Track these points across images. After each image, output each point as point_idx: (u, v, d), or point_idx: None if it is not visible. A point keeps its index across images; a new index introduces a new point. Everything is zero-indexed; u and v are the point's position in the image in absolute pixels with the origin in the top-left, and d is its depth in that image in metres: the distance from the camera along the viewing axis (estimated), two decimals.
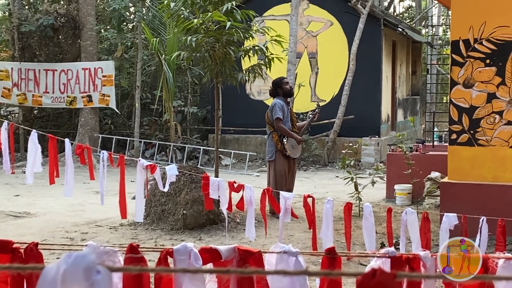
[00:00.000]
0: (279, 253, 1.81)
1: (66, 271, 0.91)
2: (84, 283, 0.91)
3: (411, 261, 1.86)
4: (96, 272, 0.93)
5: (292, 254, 1.81)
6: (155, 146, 18.97)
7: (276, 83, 10.07)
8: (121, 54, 19.83)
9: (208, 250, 1.77)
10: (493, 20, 8.30)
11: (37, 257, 1.74)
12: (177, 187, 9.20)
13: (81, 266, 0.92)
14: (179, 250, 1.72)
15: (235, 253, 1.80)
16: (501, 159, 8.33)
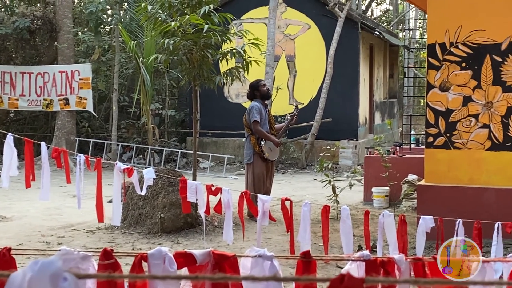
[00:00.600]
0: (254, 257, 1.81)
1: (32, 278, 0.91)
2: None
3: (385, 264, 1.86)
4: (63, 279, 0.92)
5: (267, 258, 1.80)
6: (133, 149, 18.89)
7: (253, 85, 10.09)
8: (98, 57, 19.74)
9: (183, 254, 1.77)
10: (469, 24, 8.36)
11: (10, 263, 1.73)
12: (155, 191, 9.17)
13: (48, 273, 0.91)
14: (154, 254, 1.71)
15: (210, 257, 1.80)
16: (477, 162, 8.40)
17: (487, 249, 7.18)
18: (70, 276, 0.92)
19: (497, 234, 5.90)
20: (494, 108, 8.29)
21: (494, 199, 8.25)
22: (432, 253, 6.96)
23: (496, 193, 8.26)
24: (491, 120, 8.30)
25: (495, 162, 8.31)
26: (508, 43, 8.21)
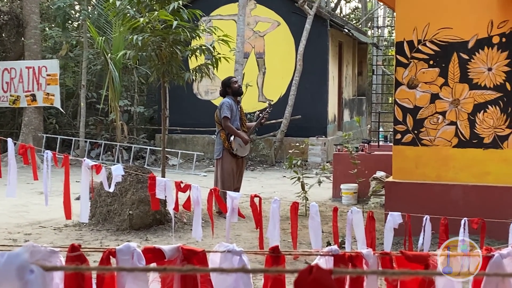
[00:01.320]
0: (223, 252, 1.81)
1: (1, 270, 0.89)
2: (17, 283, 0.89)
3: (353, 259, 1.87)
4: (30, 271, 0.91)
5: (236, 253, 1.80)
6: (101, 146, 18.76)
7: (225, 82, 10.11)
8: (66, 53, 19.56)
9: (151, 250, 1.76)
10: (437, 22, 8.44)
11: None
12: (123, 187, 9.11)
13: (14, 265, 0.90)
14: (122, 250, 1.70)
15: (179, 252, 1.79)
16: (444, 159, 8.48)
17: None
18: (37, 268, 0.91)
19: (464, 230, 5.97)
20: (461, 105, 8.38)
21: (461, 195, 8.34)
22: (400, 248, 7.02)
23: (462, 189, 8.35)
24: (458, 117, 8.39)
25: (462, 159, 8.40)
26: (475, 41, 8.30)
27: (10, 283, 0.89)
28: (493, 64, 8.24)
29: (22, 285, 0.89)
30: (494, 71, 8.24)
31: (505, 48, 8.19)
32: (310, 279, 0.82)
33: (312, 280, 0.82)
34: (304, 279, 0.83)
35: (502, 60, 8.21)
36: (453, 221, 6.16)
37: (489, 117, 8.28)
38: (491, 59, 8.25)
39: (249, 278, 1.83)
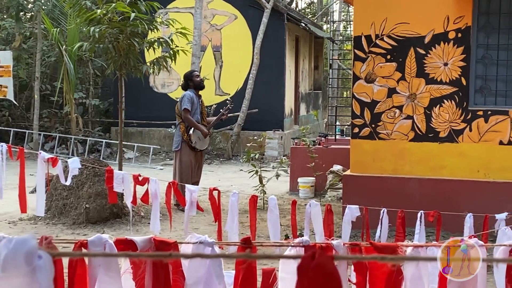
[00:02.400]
0: (195, 244, 1.80)
1: (7, 257, 0.88)
2: (25, 268, 0.89)
3: (324, 249, 1.89)
4: (38, 257, 0.91)
5: (208, 245, 1.80)
6: (55, 139, 18.52)
7: (187, 76, 10.11)
8: (20, 44, 19.24)
9: (123, 241, 1.75)
10: (394, 17, 8.53)
11: None
12: (80, 181, 9.02)
13: (23, 251, 0.89)
14: (94, 241, 1.69)
15: (151, 244, 1.78)
16: (400, 152, 8.58)
17: (410, 238, 7.36)
18: (45, 253, 0.90)
19: (420, 222, 6.06)
20: (417, 99, 8.48)
21: (417, 188, 8.46)
22: (358, 241, 7.07)
23: (419, 182, 8.47)
24: (415, 112, 8.50)
25: (418, 152, 8.52)
26: (431, 36, 8.41)
27: (19, 268, 0.88)
28: (449, 59, 8.37)
29: (30, 271, 0.89)
30: (450, 66, 8.37)
31: (461, 44, 8.32)
32: (313, 265, 0.83)
33: (315, 265, 0.83)
34: (307, 264, 0.84)
35: (458, 55, 8.34)
36: (409, 214, 6.24)
37: (445, 112, 8.41)
38: (447, 54, 8.37)
39: (221, 269, 1.83)
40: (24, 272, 0.88)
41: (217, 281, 1.80)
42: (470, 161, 8.35)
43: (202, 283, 1.79)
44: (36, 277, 0.88)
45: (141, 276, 1.81)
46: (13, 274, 0.88)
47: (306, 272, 0.83)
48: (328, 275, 0.81)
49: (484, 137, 8.31)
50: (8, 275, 0.87)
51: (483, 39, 8.37)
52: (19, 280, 0.87)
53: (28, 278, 0.88)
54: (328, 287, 0.79)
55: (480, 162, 8.32)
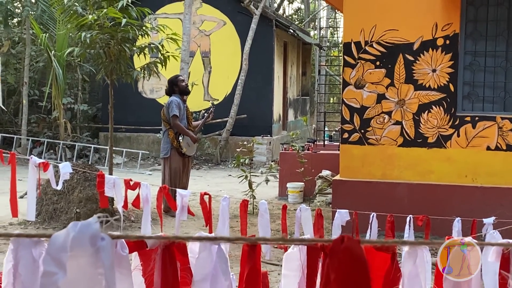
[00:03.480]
0: (201, 241, 1.87)
1: (74, 238, 0.96)
2: (90, 249, 0.97)
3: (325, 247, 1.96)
4: (101, 239, 0.98)
5: (215, 243, 1.87)
6: (44, 144, 18.51)
7: (172, 81, 10.08)
8: (8, 49, 19.23)
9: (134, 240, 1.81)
10: (383, 24, 8.63)
11: None
12: (70, 185, 9.05)
13: (88, 234, 0.97)
14: None
15: (160, 242, 1.85)
16: (389, 158, 8.68)
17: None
18: (107, 236, 0.97)
19: (409, 227, 6.13)
20: (406, 105, 8.59)
21: (406, 193, 8.55)
22: None
23: (407, 187, 8.57)
24: (403, 117, 8.60)
25: (407, 157, 8.61)
26: (420, 43, 8.52)
27: (84, 249, 0.96)
28: (437, 65, 8.48)
29: (94, 251, 0.97)
30: (438, 72, 8.48)
31: (449, 50, 8.44)
32: (342, 247, 0.90)
33: (344, 248, 0.89)
34: (338, 247, 0.90)
35: (446, 61, 8.45)
36: (398, 218, 6.33)
37: (433, 117, 8.51)
38: (436, 60, 8.48)
39: (227, 267, 1.89)
40: (89, 252, 0.96)
41: (224, 278, 1.86)
42: (458, 166, 8.45)
43: (209, 280, 1.86)
44: (100, 256, 0.97)
45: (150, 272, 1.87)
46: (79, 253, 0.96)
47: (336, 254, 0.90)
48: (356, 257, 0.88)
49: (472, 143, 8.42)
50: (75, 254, 0.95)
51: (471, 46, 8.49)
52: (85, 259, 0.95)
53: (92, 257, 0.96)
54: (356, 267, 0.86)
55: (467, 167, 8.43)
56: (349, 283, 0.88)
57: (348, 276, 0.89)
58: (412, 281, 2.06)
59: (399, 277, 2.05)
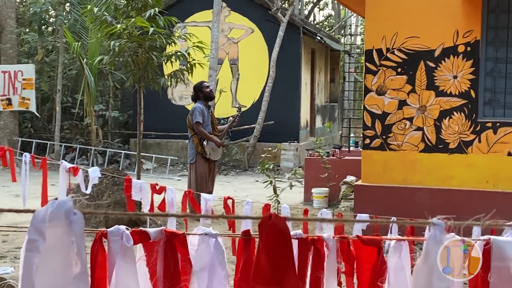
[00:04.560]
0: (200, 235, 2.06)
1: (52, 212, 1.16)
2: (64, 221, 1.17)
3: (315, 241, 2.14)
4: (73, 213, 1.18)
5: (212, 236, 2.06)
6: (76, 150, 18.88)
7: (197, 87, 10.26)
8: (42, 58, 19.67)
9: (138, 232, 2.01)
10: (404, 31, 8.76)
11: None
12: (100, 190, 9.30)
13: (63, 209, 1.17)
14: (113, 231, 1.95)
15: (162, 234, 2.04)
16: (411, 163, 8.79)
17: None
18: (78, 212, 1.18)
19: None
20: (427, 111, 8.70)
21: (427, 198, 8.65)
22: None
23: (428, 192, 8.67)
24: (425, 123, 8.71)
25: (428, 163, 8.72)
26: (441, 50, 8.63)
27: (60, 221, 1.16)
28: (459, 72, 8.58)
29: (68, 223, 1.17)
30: (459, 78, 8.58)
31: (470, 57, 8.54)
32: (270, 223, 1.08)
33: (271, 224, 1.08)
34: (265, 222, 1.09)
35: (467, 68, 8.55)
36: None
37: (454, 123, 8.62)
38: (457, 67, 8.59)
39: (223, 258, 2.08)
40: (64, 224, 1.17)
41: (220, 268, 2.05)
42: (479, 172, 8.54)
43: (207, 270, 2.05)
44: (72, 227, 1.18)
45: (153, 263, 2.07)
46: (56, 224, 1.17)
47: (264, 228, 1.09)
48: (281, 232, 1.06)
49: (493, 148, 8.50)
50: (53, 225, 1.17)
51: (492, 53, 8.58)
52: (60, 229, 1.17)
53: (66, 228, 1.18)
54: (281, 241, 1.04)
55: (488, 173, 8.51)
56: (274, 251, 1.06)
57: (274, 246, 1.08)
58: (397, 273, 2.23)
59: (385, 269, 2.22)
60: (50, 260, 1.17)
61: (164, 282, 2.04)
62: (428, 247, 1.31)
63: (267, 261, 1.09)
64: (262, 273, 1.09)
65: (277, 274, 1.10)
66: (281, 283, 1.09)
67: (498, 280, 2.15)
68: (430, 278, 1.27)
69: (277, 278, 1.10)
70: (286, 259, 1.11)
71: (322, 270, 2.20)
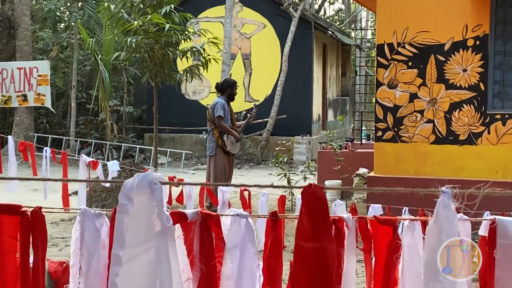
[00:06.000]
0: (233, 216, 2.29)
1: (138, 182, 1.40)
2: (148, 189, 1.40)
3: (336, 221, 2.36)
4: (155, 184, 1.42)
5: (243, 217, 2.29)
6: (91, 145, 19.16)
7: (229, 82, 10.25)
8: (57, 54, 19.93)
9: (176, 213, 2.24)
10: (415, 26, 8.95)
11: (41, 219, 2.20)
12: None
13: (146, 179, 1.40)
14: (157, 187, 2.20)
15: (198, 215, 2.27)
16: (422, 155, 8.99)
17: None
18: (158, 182, 1.41)
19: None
20: (438, 104, 8.89)
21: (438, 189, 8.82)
22: None
23: (439, 183, 8.78)
24: (435, 116, 8.91)
25: (439, 154, 8.92)
26: (451, 44, 8.82)
27: (144, 189, 1.40)
28: (468, 65, 8.77)
29: (151, 191, 1.40)
30: (469, 72, 8.77)
31: (479, 51, 8.72)
32: (310, 191, 1.31)
33: (312, 192, 1.30)
34: (307, 191, 1.31)
35: (476, 61, 8.74)
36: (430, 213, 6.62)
37: (464, 115, 8.81)
38: (466, 60, 8.77)
39: (254, 236, 2.31)
40: (147, 191, 1.41)
41: (251, 245, 2.28)
42: (489, 163, 8.73)
43: (239, 247, 2.28)
44: (154, 194, 1.42)
45: (190, 241, 2.30)
46: (141, 192, 1.41)
47: (305, 195, 1.31)
48: (320, 197, 1.29)
49: (502, 140, 8.69)
50: (139, 192, 1.41)
51: (501, 46, 8.76)
52: (144, 196, 1.41)
53: (149, 195, 1.41)
54: (319, 205, 1.27)
55: (498, 164, 8.70)
56: (314, 214, 1.29)
57: (314, 209, 1.31)
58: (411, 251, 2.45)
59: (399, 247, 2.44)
60: (137, 220, 1.43)
61: (200, 259, 2.27)
62: (438, 210, 1.55)
63: (308, 222, 1.32)
64: (304, 231, 1.32)
65: (317, 232, 1.33)
66: (320, 240, 1.31)
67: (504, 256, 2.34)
68: (440, 235, 1.49)
69: (316, 235, 1.32)
70: (324, 220, 1.34)
71: (343, 247, 2.42)
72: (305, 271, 1.31)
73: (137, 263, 1.45)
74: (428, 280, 1.48)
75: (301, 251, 1.32)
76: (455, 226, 1.57)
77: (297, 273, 1.33)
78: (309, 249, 1.31)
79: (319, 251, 1.31)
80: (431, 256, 1.51)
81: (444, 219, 1.51)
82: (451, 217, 1.54)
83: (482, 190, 1.73)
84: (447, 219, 1.52)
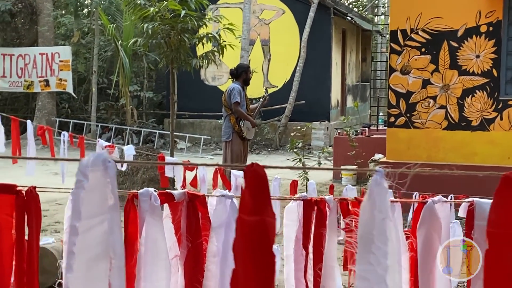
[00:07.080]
0: (218, 197, 2.41)
1: (93, 160, 1.53)
2: (102, 166, 1.53)
3: (318, 202, 2.47)
4: (108, 161, 1.55)
5: (228, 197, 2.41)
6: (112, 130, 19.39)
7: (244, 67, 10.39)
8: (78, 40, 20.16)
9: (164, 193, 2.37)
10: (428, 12, 8.99)
11: (36, 198, 2.35)
12: (134, 167, 9.70)
13: (101, 158, 1.53)
14: (143, 193, 2.31)
15: (185, 196, 2.39)
16: (434, 140, 9.05)
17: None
18: (112, 160, 1.54)
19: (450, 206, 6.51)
20: (450, 90, 8.94)
21: (450, 174, 8.86)
22: None
23: (451, 169, 8.89)
24: (448, 102, 8.96)
25: (451, 140, 8.98)
26: (464, 30, 8.85)
27: (99, 167, 1.53)
28: (481, 51, 8.80)
29: (104, 169, 1.53)
30: (481, 58, 8.80)
31: (492, 37, 8.74)
32: (252, 169, 1.43)
33: (253, 170, 1.42)
34: (249, 169, 1.43)
35: (489, 48, 8.76)
36: None
37: (477, 101, 8.85)
38: (479, 47, 8.80)
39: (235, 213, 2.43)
40: (101, 168, 1.54)
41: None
42: (501, 148, 8.77)
43: (224, 226, 2.40)
44: (107, 171, 1.54)
45: (177, 220, 2.42)
46: (96, 169, 1.54)
47: (248, 173, 1.43)
48: (260, 175, 1.41)
49: None
50: (93, 169, 1.54)
51: None
52: (99, 172, 1.53)
53: (104, 171, 1.54)
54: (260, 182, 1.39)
55: (510, 149, 8.75)
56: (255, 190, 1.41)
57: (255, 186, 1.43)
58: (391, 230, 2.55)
59: None
60: (92, 195, 1.56)
61: (187, 237, 2.39)
62: (371, 188, 1.67)
63: (250, 197, 1.44)
64: (246, 206, 1.44)
65: (258, 206, 1.45)
66: (261, 213, 1.44)
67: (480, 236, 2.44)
68: (372, 211, 1.60)
69: (257, 209, 1.45)
70: (264, 195, 1.46)
71: (324, 227, 2.54)
72: (246, 242, 1.43)
73: (92, 233, 1.59)
74: (362, 251, 1.59)
75: (243, 224, 1.44)
76: (387, 202, 1.68)
77: (239, 244, 1.45)
78: (251, 222, 1.43)
79: (259, 223, 1.43)
80: (365, 229, 1.63)
81: (377, 195, 1.63)
82: (383, 194, 1.66)
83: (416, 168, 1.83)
84: (379, 195, 1.64)
